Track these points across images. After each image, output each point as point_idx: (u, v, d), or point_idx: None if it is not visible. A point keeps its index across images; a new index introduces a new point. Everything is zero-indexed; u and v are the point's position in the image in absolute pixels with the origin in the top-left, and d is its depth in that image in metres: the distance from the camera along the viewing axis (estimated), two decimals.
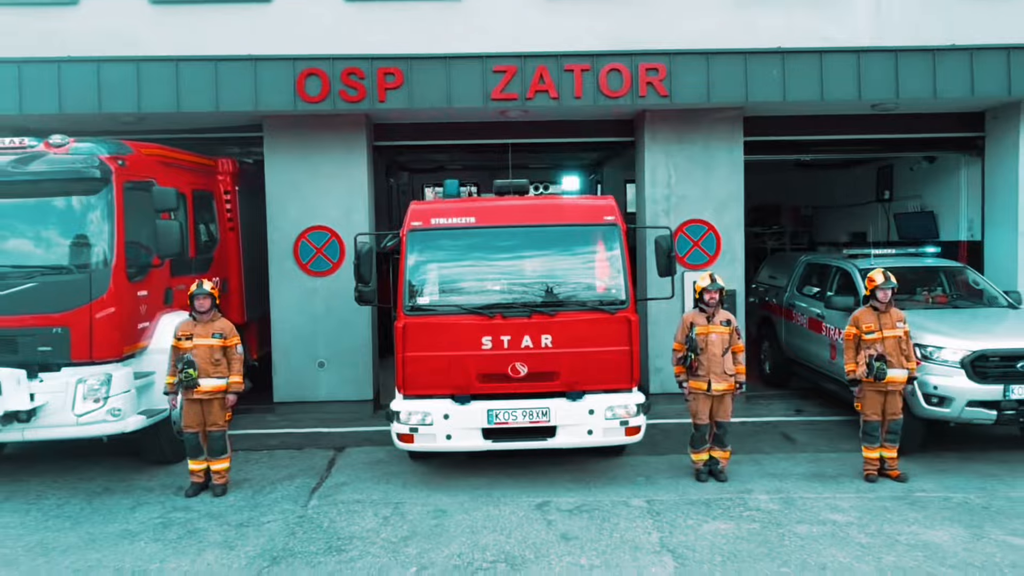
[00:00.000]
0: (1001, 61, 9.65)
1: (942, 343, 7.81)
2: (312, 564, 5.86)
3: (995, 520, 6.49)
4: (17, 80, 9.33)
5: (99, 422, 7.26)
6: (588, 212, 7.70)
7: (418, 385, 7.23)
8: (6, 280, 7.17)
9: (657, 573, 5.61)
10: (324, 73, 9.40)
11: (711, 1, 10.30)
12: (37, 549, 6.20)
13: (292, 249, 10.24)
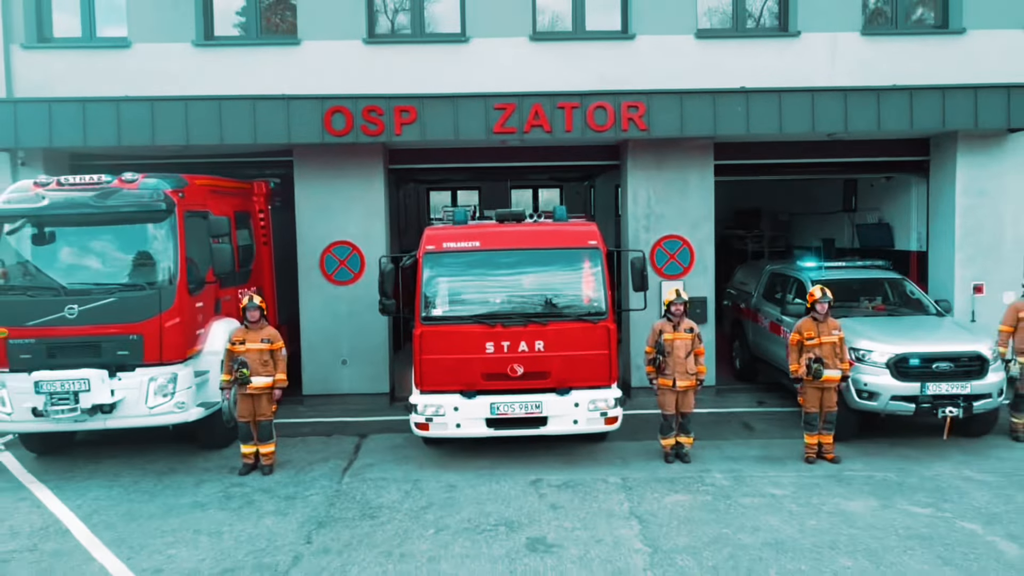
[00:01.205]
0: (937, 99, 11.03)
1: (872, 347, 9.25)
2: (351, 527, 7.31)
3: (904, 493, 7.93)
4: (82, 116, 10.72)
5: (167, 413, 8.72)
6: (574, 237, 9.12)
7: (433, 383, 8.67)
8: (91, 295, 8.59)
9: (625, 534, 7.05)
10: (348, 110, 10.78)
11: (684, 45, 11.66)
12: (127, 516, 7.65)
13: (319, 261, 11.67)
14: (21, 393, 8.50)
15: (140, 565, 6.57)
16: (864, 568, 6.32)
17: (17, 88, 11.38)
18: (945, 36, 11.83)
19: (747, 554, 6.60)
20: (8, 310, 8.61)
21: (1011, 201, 11.81)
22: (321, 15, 11.53)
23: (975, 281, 11.83)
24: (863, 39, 11.74)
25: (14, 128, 10.77)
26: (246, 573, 6.42)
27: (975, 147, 11.76)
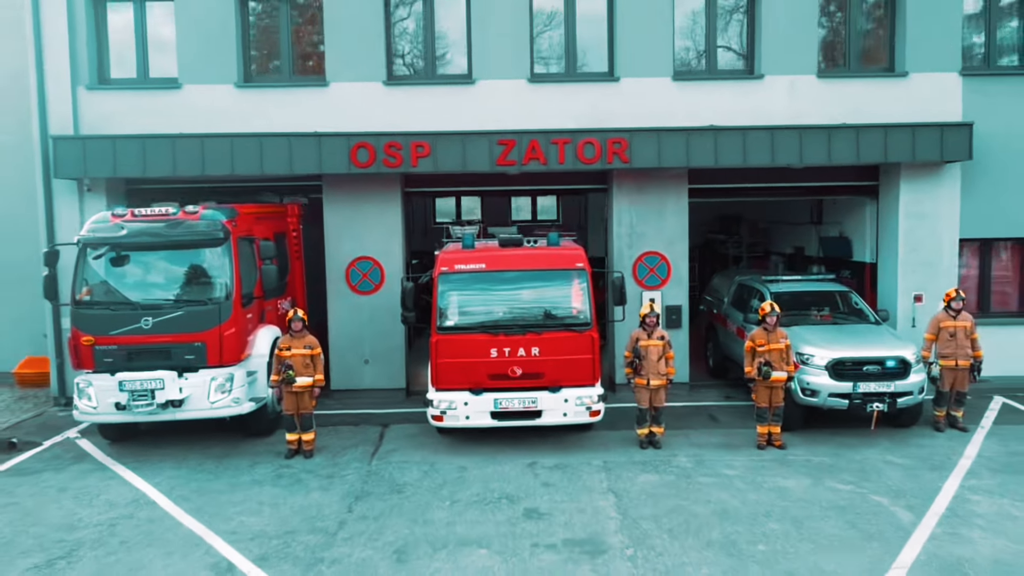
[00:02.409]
0: (880, 136, 12.71)
1: (814, 352, 10.97)
2: (382, 500, 9.02)
3: (833, 474, 9.65)
4: (142, 151, 12.42)
5: (226, 407, 10.45)
6: (564, 259, 10.80)
7: (446, 382, 10.39)
8: (162, 310, 10.30)
9: (602, 505, 8.78)
10: (371, 146, 12.46)
11: (662, 86, 13.26)
12: (199, 491, 9.37)
13: (344, 274, 13.37)
14: (105, 390, 10.23)
15: (219, 528, 8.29)
16: (787, 530, 8.04)
17: (82, 124, 13.01)
18: (891, 78, 13.45)
19: (697, 520, 8.32)
20: (93, 322, 10.33)
21: (946, 222, 13.51)
22: (346, 59, 13.15)
23: (915, 291, 13.53)
24: (818, 81, 13.35)
25: (83, 161, 12.49)
26: (303, 534, 8.14)
27: (916, 175, 13.44)
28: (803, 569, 7.20)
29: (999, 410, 12.24)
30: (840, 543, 7.75)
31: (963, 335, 11.10)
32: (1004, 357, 13.51)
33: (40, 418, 12.69)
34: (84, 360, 10.36)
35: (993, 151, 13.33)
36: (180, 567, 7.45)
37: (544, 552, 7.64)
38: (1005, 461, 10.01)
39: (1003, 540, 7.75)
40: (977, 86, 13.39)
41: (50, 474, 10.08)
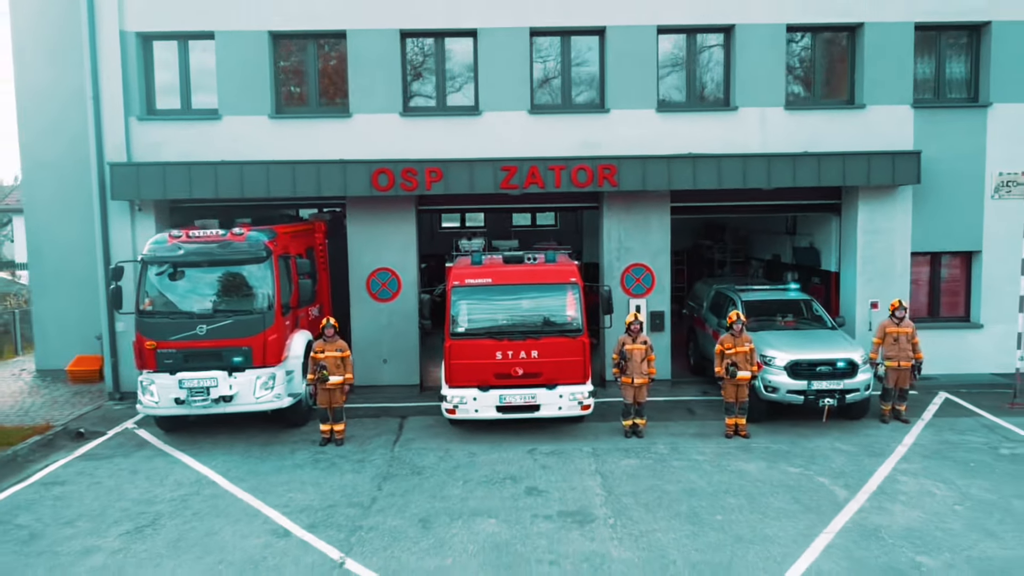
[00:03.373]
0: (839, 162, 14.34)
1: (775, 355, 12.63)
2: (406, 480, 10.69)
3: (787, 459, 11.31)
4: (188, 176, 14.04)
5: (269, 402, 12.11)
6: (559, 274, 12.44)
7: (459, 380, 12.05)
8: (214, 318, 11.95)
9: (590, 484, 10.44)
10: (390, 171, 14.09)
11: (647, 117, 14.87)
12: (250, 473, 11.02)
13: (365, 283, 15.02)
14: (165, 388, 11.90)
15: (272, 502, 9.95)
16: (742, 504, 9.70)
17: (134, 151, 14.62)
18: (851, 110, 15.07)
19: (669, 496, 9.99)
20: (155, 329, 11.98)
21: (899, 237, 15.16)
22: (366, 93, 14.75)
23: (872, 299, 15.17)
24: (786, 112, 14.97)
25: (137, 185, 14.13)
26: (343, 507, 9.81)
27: (873, 196, 15.09)
28: (750, 534, 8.87)
29: (941, 404, 13.91)
30: (783, 514, 9.41)
31: (905, 340, 12.77)
32: (951, 358, 15.25)
33: (99, 411, 14.35)
34: (147, 361, 12.03)
35: (940, 174, 14.99)
36: (245, 532, 9.11)
37: (542, 522, 9.30)
38: (935, 448, 11.68)
39: (917, 512, 9.42)
40: (927, 117, 15.04)
41: (120, 459, 11.75)
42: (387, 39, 14.63)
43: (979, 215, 15.18)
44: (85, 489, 10.54)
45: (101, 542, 8.90)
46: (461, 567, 8.17)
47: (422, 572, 8.07)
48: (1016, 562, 8.12)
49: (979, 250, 15.31)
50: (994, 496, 9.85)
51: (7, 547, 8.82)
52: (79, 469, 11.34)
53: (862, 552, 8.39)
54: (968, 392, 14.52)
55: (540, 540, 8.77)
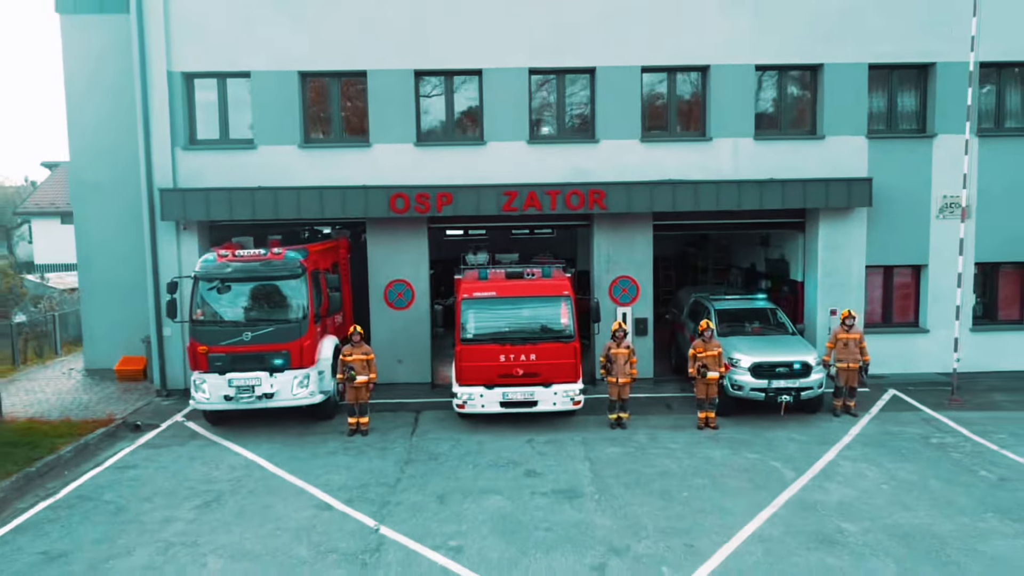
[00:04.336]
0: (800, 188, 16.23)
1: (740, 357, 14.51)
2: (424, 464, 12.56)
3: (748, 447, 13.19)
4: (228, 200, 15.89)
5: (304, 398, 13.99)
6: (554, 288, 14.31)
7: (467, 379, 13.92)
8: (257, 326, 13.81)
9: (580, 467, 12.31)
10: (406, 196, 15.95)
11: (633, 146, 16.70)
12: (291, 459, 12.88)
13: (383, 294, 16.89)
14: (216, 386, 13.77)
15: (313, 482, 11.82)
16: (705, 483, 11.57)
17: (179, 177, 16.46)
18: (812, 140, 16.94)
19: (645, 477, 11.86)
20: (207, 335, 13.85)
21: (855, 252, 17.03)
22: (384, 125, 16.58)
23: (831, 306, 17.05)
24: (755, 142, 16.83)
25: (183, 208, 15.99)
26: (373, 486, 11.67)
27: (832, 216, 16.96)
28: (710, 506, 10.75)
29: (888, 400, 15.80)
30: (739, 491, 11.30)
31: (853, 344, 14.66)
32: (901, 359, 17.17)
33: (150, 406, 16.21)
34: (200, 364, 13.89)
35: (892, 197, 16.87)
36: (295, 506, 10.98)
37: (539, 497, 11.18)
38: (876, 438, 13.58)
39: (850, 490, 11.30)
40: (880, 146, 16.91)
41: (177, 447, 13.63)
42: (403, 78, 16.48)
43: (926, 233, 17.08)
44: (154, 472, 12.42)
45: (177, 513, 10.78)
46: (474, 532, 10.05)
47: (443, 536, 9.95)
48: (920, 527, 10.00)
49: (926, 264, 17.21)
50: (916, 477, 11.74)
51: (101, 518, 10.69)
52: (144, 456, 13.21)
53: (798, 520, 10.28)
54: (914, 389, 16.41)
55: (537, 512, 10.65)
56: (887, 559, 9.18)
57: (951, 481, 11.56)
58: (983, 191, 16.99)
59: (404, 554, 9.46)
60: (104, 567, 9.23)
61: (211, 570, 9.13)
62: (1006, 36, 16.58)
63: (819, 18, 16.54)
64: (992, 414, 14.83)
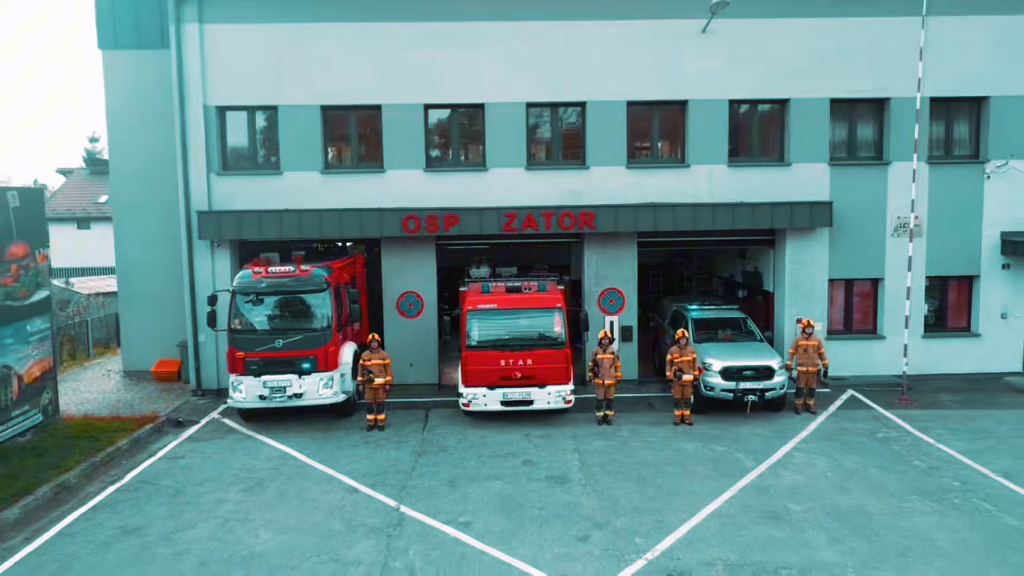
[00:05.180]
0: (768, 211, 18.09)
1: (712, 362, 16.37)
2: (435, 455, 14.41)
3: (717, 441, 15.03)
4: (259, 221, 17.73)
5: (329, 398, 15.83)
6: (548, 301, 16.15)
7: (472, 381, 15.77)
8: (288, 334, 15.65)
9: (570, 458, 14.17)
10: (417, 217, 17.80)
11: (619, 172, 18.54)
12: (319, 451, 14.72)
13: (396, 304, 18.75)
14: (251, 387, 15.61)
15: (340, 470, 13.65)
16: (677, 471, 13.42)
17: (213, 200, 18.30)
18: (780, 167, 18.80)
19: (626, 466, 13.70)
20: (244, 342, 15.69)
21: (819, 266, 18.89)
22: (397, 153, 18.41)
23: (797, 315, 18.91)
24: (729, 169, 18.69)
25: (218, 228, 17.83)
26: (391, 474, 13.50)
27: (798, 234, 18.82)
28: (679, 489, 12.60)
29: (846, 400, 17.66)
30: (705, 477, 13.15)
31: (812, 350, 16.52)
32: (860, 362, 19.04)
33: (187, 404, 18.05)
34: (238, 367, 15.74)
35: (851, 218, 18.74)
36: (326, 489, 12.82)
37: (535, 482, 13.02)
38: (830, 433, 15.43)
39: (799, 476, 13.16)
40: (841, 172, 18.78)
41: (217, 441, 15.47)
42: (413, 111, 18.33)
43: (882, 249, 18.95)
44: (201, 461, 14.27)
45: (227, 495, 12.63)
46: (479, 510, 11.90)
47: (453, 513, 11.79)
48: (853, 507, 11.83)
49: (882, 277, 19.08)
50: (858, 466, 13.60)
51: (163, 499, 12.54)
52: (190, 448, 15.06)
53: (752, 501, 12.14)
54: (870, 390, 18.28)
55: (533, 494, 12.51)
56: (821, 531, 11.04)
57: (887, 469, 13.43)
58: (934, 212, 18.87)
59: (422, 528, 11.32)
60: (174, 537, 11.08)
61: (263, 539, 10.98)
62: (954, 75, 18.45)
63: (786, 58, 18.40)
64: (935, 412, 16.71)
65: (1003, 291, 19.17)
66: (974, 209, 18.95)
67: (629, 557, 10.32)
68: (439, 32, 18.09)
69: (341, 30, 18.06)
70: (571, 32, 18.21)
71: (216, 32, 17.98)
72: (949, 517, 11.47)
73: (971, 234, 19.00)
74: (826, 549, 10.49)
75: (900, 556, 10.29)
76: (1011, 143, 18.71)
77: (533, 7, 18.13)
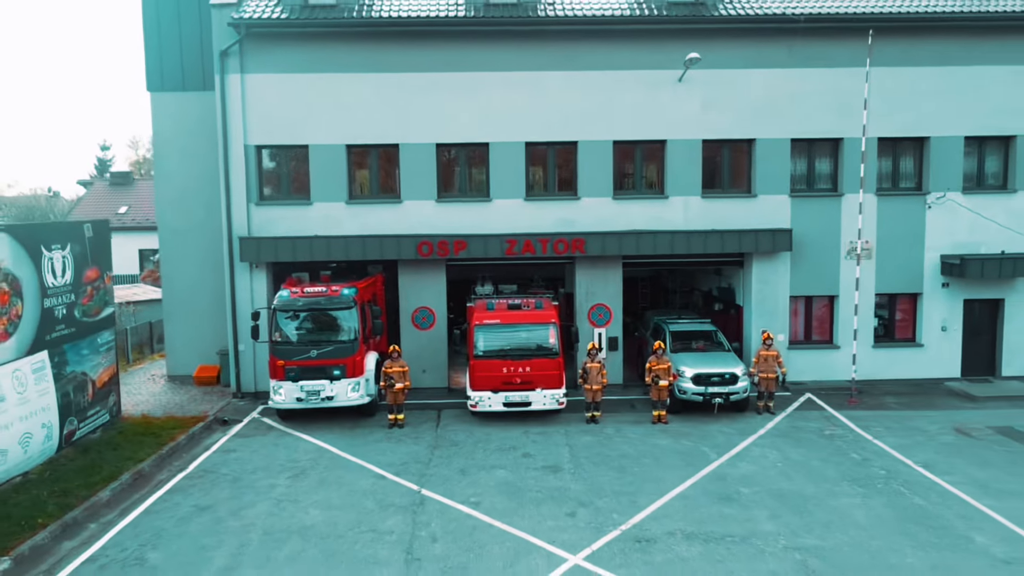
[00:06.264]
0: (736, 237, 20.61)
1: (685, 369, 18.87)
2: (448, 448, 16.88)
3: (687, 437, 17.53)
4: (292, 246, 20.23)
5: (356, 400, 18.34)
6: (544, 316, 18.66)
7: (479, 385, 18.29)
8: (321, 345, 18.15)
9: (562, 451, 16.64)
10: (429, 243, 20.30)
11: (606, 202, 21.02)
12: (349, 445, 17.17)
13: (411, 318, 21.26)
14: (290, 391, 18.12)
15: (369, 461, 16.10)
16: (651, 462, 15.89)
17: (253, 227, 20.78)
18: (748, 198, 21.31)
19: (609, 457, 16.18)
20: (283, 352, 18.19)
21: (781, 285, 21.40)
22: (412, 186, 20.91)
23: (763, 328, 21.41)
24: (703, 200, 21.21)
25: (257, 252, 20.32)
26: (412, 464, 15.97)
27: (763, 257, 21.33)
28: (652, 476, 15.07)
29: (802, 402, 20.17)
30: (674, 467, 15.63)
31: (772, 360, 19.03)
32: (818, 368, 21.55)
33: (229, 406, 20.52)
34: (278, 374, 18.24)
35: (809, 243, 21.25)
36: (359, 476, 15.28)
37: (532, 471, 15.50)
38: (784, 430, 17.93)
39: (753, 466, 15.64)
40: (800, 202, 21.30)
41: (261, 437, 17.96)
42: (427, 150, 20.83)
43: (836, 270, 21.47)
44: (251, 454, 16.76)
45: (277, 481, 15.12)
46: (487, 493, 14.38)
47: (465, 495, 14.26)
48: (793, 490, 14.32)
49: (837, 294, 21.59)
50: (803, 458, 16.09)
51: (225, 484, 15.02)
52: (239, 443, 17.55)
53: (711, 486, 14.63)
54: (825, 393, 20.79)
55: (530, 480, 15.00)
56: (764, 509, 13.53)
57: (827, 461, 15.93)
58: (883, 237, 21.39)
59: (440, 506, 13.81)
60: (241, 513, 13.58)
61: (312, 515, 13.46)
62: (899, 118, 20.97)
63: (752, 103, 20.90)
64: (878, 412, 19.23)
65: (943, 307, 21.69)
66: (918, 235, 21.47)
67: (607, 529, 12.81)
68: (448, 81, 20.58)
69: (363, 80, 20.56)
70: (564, 80, 20.70)
71: (255, 81, 20.47)
72: (870, 499, 13.97)
73: (915, 257, 21.52)
74: (766, 522, 12.99)
75: (823, 527, 12.79)
76: (948, 178, 21.26)
77: (530, 59, 20.63)
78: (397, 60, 20.51)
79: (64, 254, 16.40)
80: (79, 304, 16.98)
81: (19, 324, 14.81)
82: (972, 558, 11.69)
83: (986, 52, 20.80)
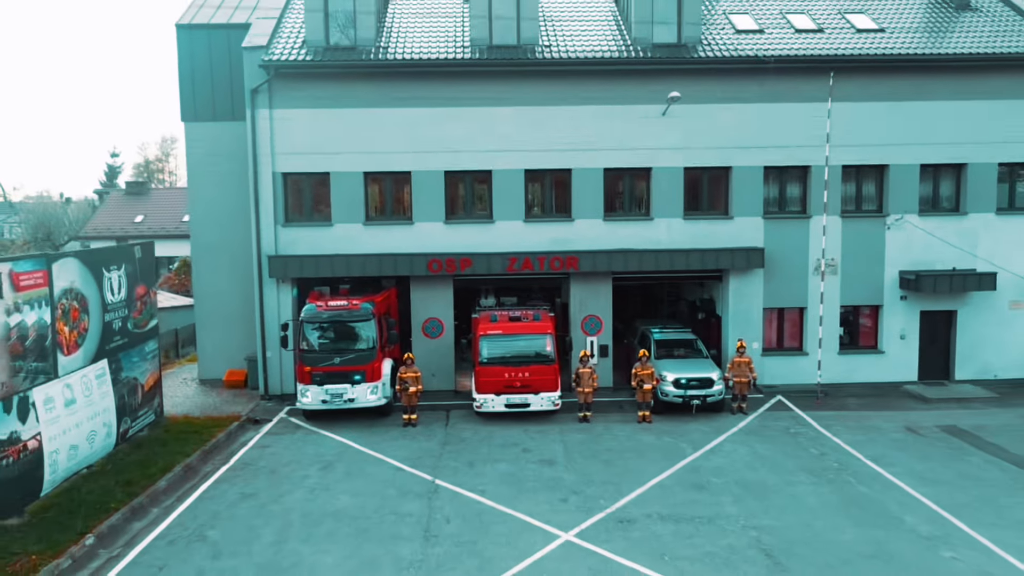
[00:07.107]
0: (715, 254, 22.77)
1: (667, 374, 21.01)
2: (456, 445, 18.99)
3: (668, 434, 19.65)
4: (315, 263, 22.37)
5: (374, 402, 20.47)
6: (541, 327, 20.81)
7: (483, 389, 20.43)
8: (343, 353, 20.28)
9: (557, 447, 18.76)
10: (439, 260, 22.43)
11: (598, 223, 23.13)
12: (369, 442, 19.28)
13: (421, 328, 23.39)
14: (316, 393, 20.25)
15: (387, 455, 18.26)
16: (634, 456, 18.00)
17: (279, 246, 22.91)
18: (725, 220, 23.44)
19: (598, 452, 18.27)
20: (310, 360, 20.32)
21: (756, 298, 23.54)
22: (423, 208, 23.03)
23: (739, 337, 23.53)
24: (684, 221, 23.35)
25: (284, 269, 22.47)
26: (425, 457, 18.07)
27: (739, 272, 23.46)
28: (635, 468, 17.17)
29: (773, 403, 22.30)
30: (655, 460, 17.75)
31: (744, 366, 21.17)
32: (789, 373, 23.69)
33: (259, 407, 22.65)
34: (305, 379, 20.37)
35: (780, 260, 23.39)
36: (379, 468, 17.40)
37: (531, 464, 17.61)
38: (754, 429, 20.07)
39: (724, 459, 17.75)
40: (772, 223, 23.44)
41: (288, 435, 20.08)
42: (436, 176, 22.97)
43: (805, 284, 23.60)
44: (283, 449, 18.89)
45: (308, 472, 17.24)
46: (491, 482, 16.49)
47: (473, 484, 16.37)
48: (757, 480, 16.45)
49: (806, 306, 23.73)
50: (768, 453, 18.22)
51: (264, 475, 17.14)
52: (271, 440, 19.68)
53: (686, 476, 16.76)
54: (795, 396, 22.91)
55: (529, 471, 17.13)
56: (729, 495, 15.66)
57: (789, 455, 18.07)
58: (846, 255, 23.55)
59: (452, 493, 15.94)
60: (280, 500, 15.70)
61: (342, 501, 15.58)
62: (861, 147, 23.12)
63: (728, 135, 23.03)
64: (840, 412, 21.36)
65: (902, 317, 23.84)
66: (878, 253, 23.62)
67: (595, 511, 14.93)
68: (456, 115, 22.71)
69: (379, 113, 22.69)
70: (559, 114, 22.85)
71: (282, 115, 22.61)
72: (821, 487, 16.11)
73: (876, 272, 23.67)
74: (730, 506, 15.13)
75: (778, 510, 14.92)
76: (906, 201, 23.42)
77: (529, 96, 22.76)
78: (409, 96, 22.66)
79: (119, 274, 18.53)
80: (131, 317, 19.11)
81: (86, 336, 16.94)
82: (900, 535, 13.82)
83: (936, 89, 22.98)
